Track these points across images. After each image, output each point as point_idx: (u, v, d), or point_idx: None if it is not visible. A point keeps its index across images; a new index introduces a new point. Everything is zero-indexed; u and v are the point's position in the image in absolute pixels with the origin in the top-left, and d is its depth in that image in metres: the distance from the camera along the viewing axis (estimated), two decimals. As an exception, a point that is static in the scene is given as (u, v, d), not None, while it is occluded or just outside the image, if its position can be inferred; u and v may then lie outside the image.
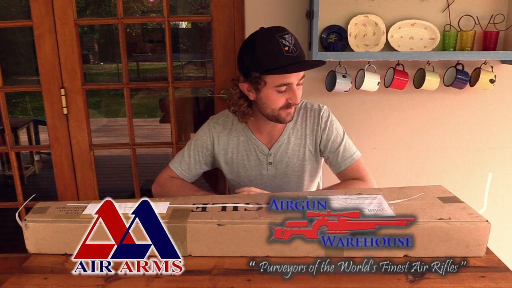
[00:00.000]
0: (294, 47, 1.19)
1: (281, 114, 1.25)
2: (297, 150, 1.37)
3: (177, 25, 7.82)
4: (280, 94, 1.22)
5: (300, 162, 1.38)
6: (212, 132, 1.39)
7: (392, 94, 1.77)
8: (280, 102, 1.23)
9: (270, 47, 1.18)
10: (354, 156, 1.36)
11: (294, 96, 1.22)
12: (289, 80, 1.20)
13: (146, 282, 0.89)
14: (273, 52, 1.17)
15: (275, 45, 1.17)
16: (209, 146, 1.39)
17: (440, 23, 1.67)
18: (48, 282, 0.91)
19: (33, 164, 3.99)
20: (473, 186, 1.87)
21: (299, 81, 1.23)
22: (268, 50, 1.18)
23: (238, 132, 1.38)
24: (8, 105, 1.88)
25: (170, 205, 1.05)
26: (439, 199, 1.05)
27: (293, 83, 1.21)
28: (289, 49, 1.17)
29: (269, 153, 1.37)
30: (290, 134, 1.37)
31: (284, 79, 1.19)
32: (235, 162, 1.39)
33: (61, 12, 1.72)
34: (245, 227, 0.95)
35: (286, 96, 1.22)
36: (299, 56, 1.20)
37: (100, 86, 3.12)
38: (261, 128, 1.36)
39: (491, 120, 1.82)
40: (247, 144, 1.38)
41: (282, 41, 1.17)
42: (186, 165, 1.41)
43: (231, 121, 1.39)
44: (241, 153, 1.38)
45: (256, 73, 1.20)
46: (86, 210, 1.03)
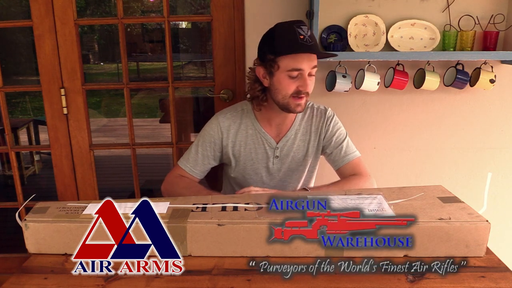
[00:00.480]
0: (309, 37, 1.25)
1: (291, 103, 1.29)
2: (302, 146, 1.43)
3: (177, 25, 7.82)
4: (292, 80, 1.27)
5: (303, 158, 1.44)
6: (220, 126, 1.41)
7: (392, 94, 1.77)
8: (291, 88, 1.27)
9: (287, 33, 1.26)
10: (356, 153, 1.43)
11: (304, 83, 1.26)
12: (301, 65, 1.25)
13: (146, 282, 0.89)
14: (288, 38, 1.25)
15: (292, 33, 1.24)
16: (217, 141, 1.42)
17: (440, 23, 1.67)
18: (48, 282, 0.91)
19: (33, 164, 3.99)
20: (473, 186, 1.87)
21: (311, 70, 1.27)
22: (284, 36, 1.26)
23: (246, 125, 1.41)
24: (8, 105, 1.88)
25: (170, 205, 1.05)
26: (439, 199, 1.05)
27: (304, 70, 1.25)
28: (304, 38, 1.24)
29: (276, 146, 1.41)
30: (297, 130, 1.42)
31: (296, 64, 1.25)
32: (243, 155, 1.42)
33: (61, 12, 1.72)
34: (245, 227, 0.95)
35: (297, 83, 1.27)
36: (312, 47, 1.25)
37: (100, 86, 3.13)
38: (270, 120, 1.40)
39: (491, 120, 1.82)
40: (255, 137, 1.41)
41: (298, 30, 1.24)
42: (195, 161, 1.43)
43: (239, 115, 1.42)
44: (249, 146, 1.41)
45: (270, 55, 1.27)
46: (86, 210, 1.03)
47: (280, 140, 1.41)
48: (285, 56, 1.25)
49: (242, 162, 1.43)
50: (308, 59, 1.25)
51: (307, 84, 1.26)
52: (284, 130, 1.42)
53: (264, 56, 1.29)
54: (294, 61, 1.24)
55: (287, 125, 1.42)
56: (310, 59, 1.26)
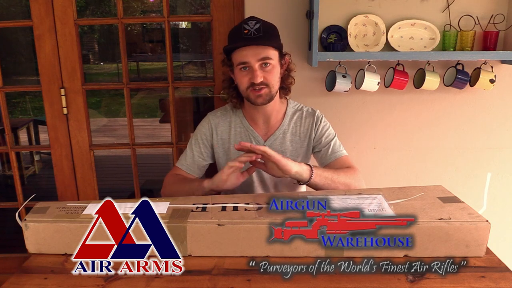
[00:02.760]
0: (255, 30, 1.28)
1: (251, 95, 1.32)
2: (290, 146, 1.43)
3: (177, 25, 7.81)
4: (244, 73, 1.31)
5: (292, 158, 1.40)
6: (210, 124, 1.45)
7: (392, 94, 1.77)
8: (244, 81, 1.31)
9: (234, 30, 1.34)
10: (343, 152, 1.43)
11: (254, 75, 1.29)
12: (245, 59, 1.28)
13: (146, 282, 0.89)
14: (234, 33, 1.33)
15: (238, 29, 1.31)
16: (208, 138, 1.45)
17: (440, 23, 1.67)
18: (48, 282, 0.91)
19: (33, 164, 3.99)
20: (473, 186, 1.87)
21: (261, 62, 1.29)
22: (232, 33, 1.34)
23: (236, 123, 1.44)
24: (8, 105, 1.88)
25: (170, 205, 1.05)
26: (439, 199, 1.05)
27: (249, 62, 1.28)
28: (248, 32, 1.28)
29: (264, 144, 1.42)
30: (285, 130, 1.43)
31: (241, 58, 1.29)
32: (232, 152, 1.43)
33: (61, 12, 1.72)
34: (245, 227, 0.95)
35: (249, 75, 1.30)
36: (257, 39, 1.28)
37: (100, 86, 3.13)
38: (254, 118, 1.43)
39: (491, 120, 1.82)
40: (244, 134, 1.43)
41: (244, 26, 1.30)
42: (190, 159, 1.44)
43: (229, 114, 1.46)
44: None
45: (226, 54, 1.35)
46: (86, 210, 1.03)
47: (268, 139, 1.42)
48: (234, 52, 1.31)
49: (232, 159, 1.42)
50: (252, 51, 1.27)
51: (255, 76, 1.28)
52: (272, 129, 1.43)
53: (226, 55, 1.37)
54: (239, 55, 1.29)
55: (275, 125, 1.43)
56: (255, 51, 1.28)
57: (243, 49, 1.28)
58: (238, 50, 1.29)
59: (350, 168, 1.37)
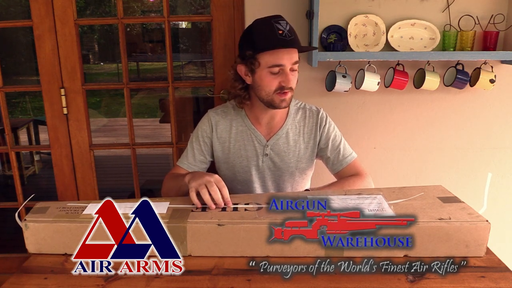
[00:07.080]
0: (288, 32, 1.24)
1: (275, 99, 1.28)
2: (293, 146, 1.40)
3: (177, 25, 7.82)
4: (273, 76, 1.26)
5: (295, 158, 1.41)
6: (211, 121, 1.42)
7: (392, 94, 1.77)
8: (273, 84, 1.26)
9: (265, 29, 1.25)
10: (353, 155, 1.42)
11: (286, 79, 1.25)
12: (281, 61, 1.24)
13: (146, 282, 0.89)
14: (267, 33, 1.24)
15: (270, 28, 1.23)
16: (209, 135, 1.42)
17: (440, 23, 1.67)
18: (48, 282, 0.91)
19: (33, 164, 3.99)
20: (473, 186, 1.87)
21: (293, 65, 1.26)
22: (262, 32, 1.25)
23: (237, 122, 1.41)
24: (8, 105, 1.88)
25: (170, 205, 1.05)
26: (439, 199, 1.05)
27: (285, 66, 1.24)
28: (283, 33, 1.23)
29: (266, 144, 1.39)
30: (288, 130, 1.40)
31: (276, 60, 1.23)
32: (232, 151, 1.41)
33: (61, 12, 1.72)
34: (245, 227, 0.95)
35: (279, 79, 1.26)
36: (292, 41, 1.24)
37: (100, 86, 3.12)
38: (259, 118, 1.39)
39: (491, 120, 1.82)
40: (246, 134, 1.40)
41: (277, 25, 1.23)
42: (192, 156, 1.42)
43: (230, 112, 1.43)
44: (239, 143, 1.40)
45: (250, 53, 1.26)
46: (86, 210, 1.03)
47: (271, 138, 1.39)
48: (264, 53, 1.24)
49: (232, 159, 1.41)
50: (288, 54, 1.24)
51: (289, 79, 1.25)
52: (275, 129, 1.40)
53: (244, 54, 1.28)
54: (274, 57, 1.23)
55: (278, 124, 1.40)
56: (290, 54, 1.24)
57: (279, 51, 1.23)
58: (273, 51, 1.23)
59: (357, 176, 1.36)
